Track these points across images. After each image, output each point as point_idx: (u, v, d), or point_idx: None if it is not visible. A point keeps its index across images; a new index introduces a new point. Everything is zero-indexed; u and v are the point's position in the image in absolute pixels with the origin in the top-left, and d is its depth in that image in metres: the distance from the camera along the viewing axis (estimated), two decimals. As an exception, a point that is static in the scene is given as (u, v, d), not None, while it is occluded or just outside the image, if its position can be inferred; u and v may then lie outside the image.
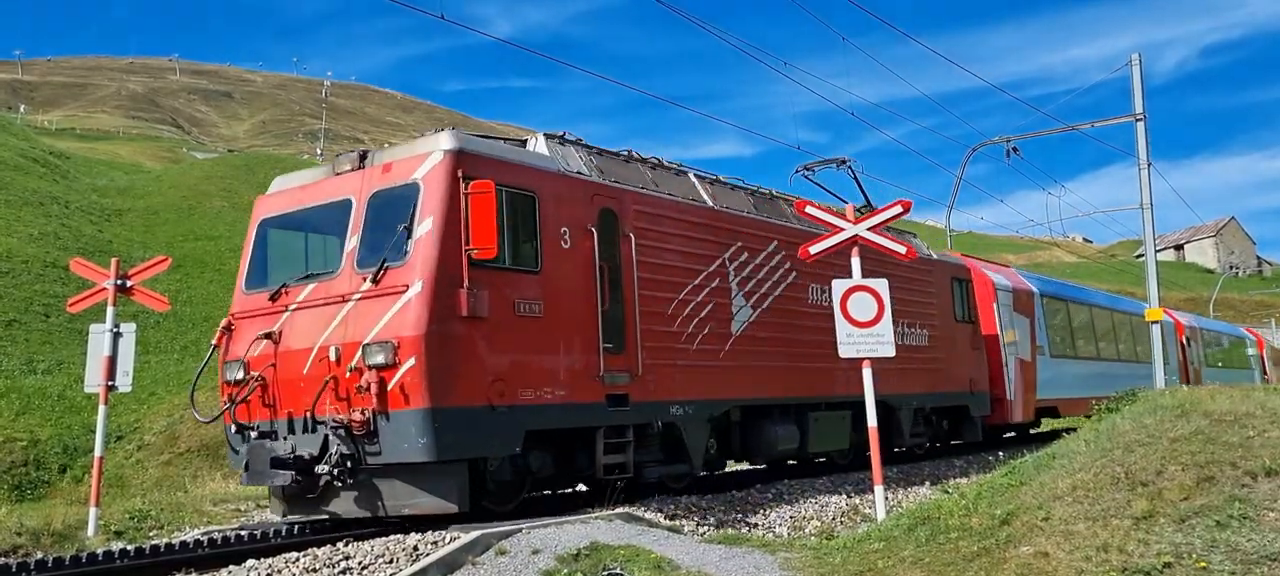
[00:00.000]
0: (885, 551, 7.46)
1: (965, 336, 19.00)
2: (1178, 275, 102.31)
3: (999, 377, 20.26)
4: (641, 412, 11.05)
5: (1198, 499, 7.00)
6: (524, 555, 7.81)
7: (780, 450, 13.56)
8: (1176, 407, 9.06)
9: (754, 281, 13.24)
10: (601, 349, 10.53)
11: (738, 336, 12.72)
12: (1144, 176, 25.28)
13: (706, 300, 12.28)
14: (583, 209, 10.72)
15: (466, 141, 9.74)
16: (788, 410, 13.79)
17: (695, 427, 11.86)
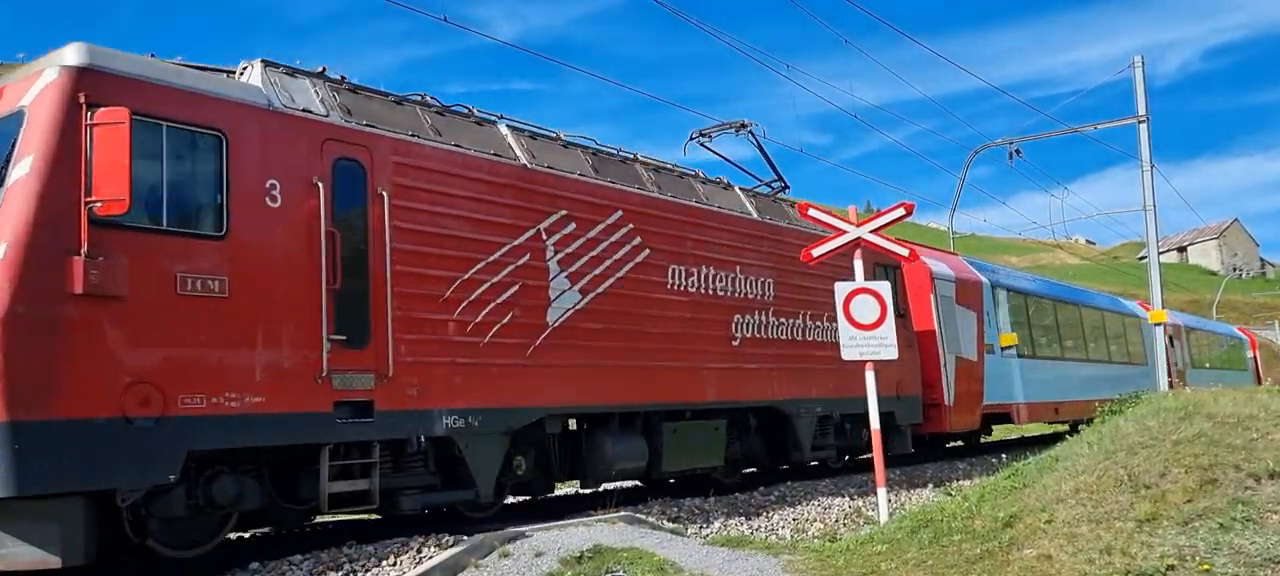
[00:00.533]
0: (888, 553, 7.46)
1: None
2: (1181, 277, 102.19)
3: (936, 380, 17.67)
4: (393, 425, 8.65)
5: (1201, 501, 7.00)
6: (527, 557, 7.81)
7: (621, 469, 11.22)
8: (1179, 410, 9.06)
9: (586, 260, 10.79)
10: (327, 341, 8.17)
11: (557, 327, 10.33)
12: (1147, 178, 25.27)
13: (509, 281, 9.87)
14: (306, 157, 8.32)
15: (102, 57, 7.32)
16: (632, 420, 11.40)
17: (484, 443, 9.48)
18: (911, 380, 16.52)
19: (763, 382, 13.08)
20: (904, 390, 16.26)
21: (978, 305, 19.64)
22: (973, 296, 19.53)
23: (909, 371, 16.35)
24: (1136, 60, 25.69)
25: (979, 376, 19.16)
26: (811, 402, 14.06)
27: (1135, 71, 25.60)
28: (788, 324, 13.85)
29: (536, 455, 10.62)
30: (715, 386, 12.31)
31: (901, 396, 16.15)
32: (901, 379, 16.07)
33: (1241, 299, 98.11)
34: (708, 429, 12.36)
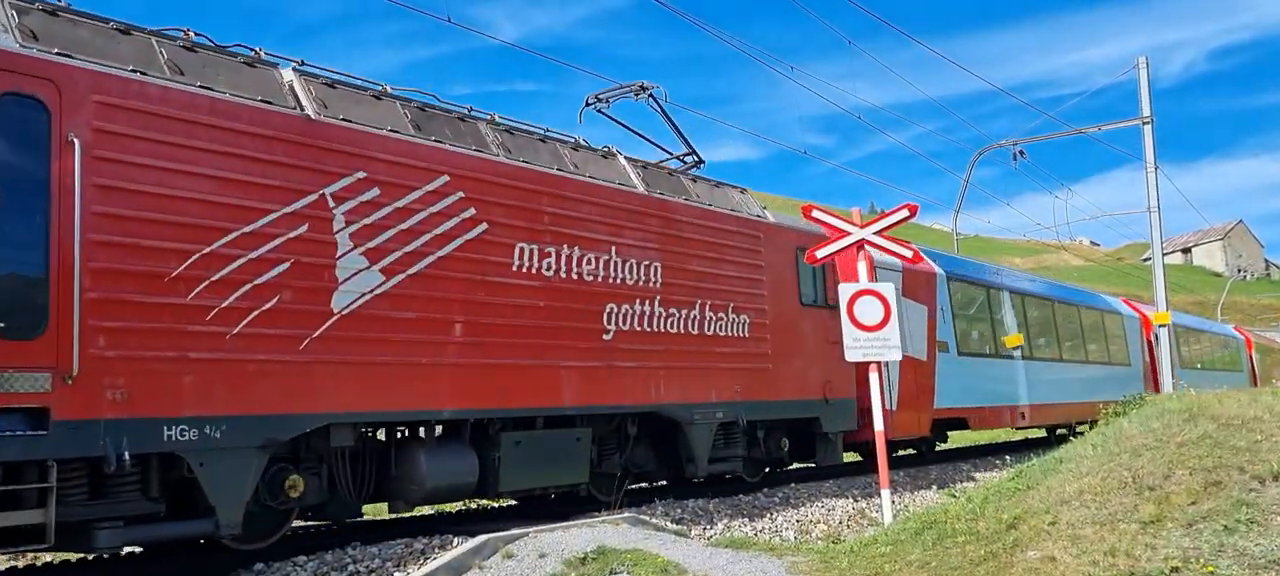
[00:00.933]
0: (892, 555, 7.45)
1: (818, 327, 14.15)
2: (1185, 278, 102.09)
3: None
4: (79, 438, 6.74)
5: (1205, 503, 6.99)
6: (531, 559, 7.82)
7: (438, 488, 9.29)
8: (1184, 411, 9.06)
9: (392, 234, 8.81)
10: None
11: (347, 315, 8.37)
12: (1151, 179, 25.28)
13: (276, 257, 7.95)
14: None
15: None
16: (460, 430, 9.58)
17: (230, 461, 7.53)
18: (843, 381, 14.37)
19: (643, 383, 11.19)
20: (833, 392, 14.15)
21: (930, 298, 17.55)
22: (923, 288, 17.35)
23: (839, 371, 14.05)
24: (1141, 61, 25.72)
25: (929, 378, 17.06)
26: (710, 407, 12.03)
27: (1140, 72, 25.62)
28: (681, 315, 11.77)
29: (329, 473, 8.72)
30: (577, 388, 10.35)
31: (830, 399, 14.11)
32: (829, 379, 14.09)
33: (1246, 300, 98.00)
34: (565, 439, 10.47)
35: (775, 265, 13.54)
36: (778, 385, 13.21)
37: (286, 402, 7.91)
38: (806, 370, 13.78)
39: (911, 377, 16.36)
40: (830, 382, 14.14)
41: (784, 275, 13.70)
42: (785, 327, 13.49)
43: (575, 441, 10.57)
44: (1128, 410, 11.44)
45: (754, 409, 12.78)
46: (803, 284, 14.08)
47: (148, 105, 7.36)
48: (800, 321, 13.85)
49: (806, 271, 14.11)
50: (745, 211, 13.48)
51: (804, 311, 13.95)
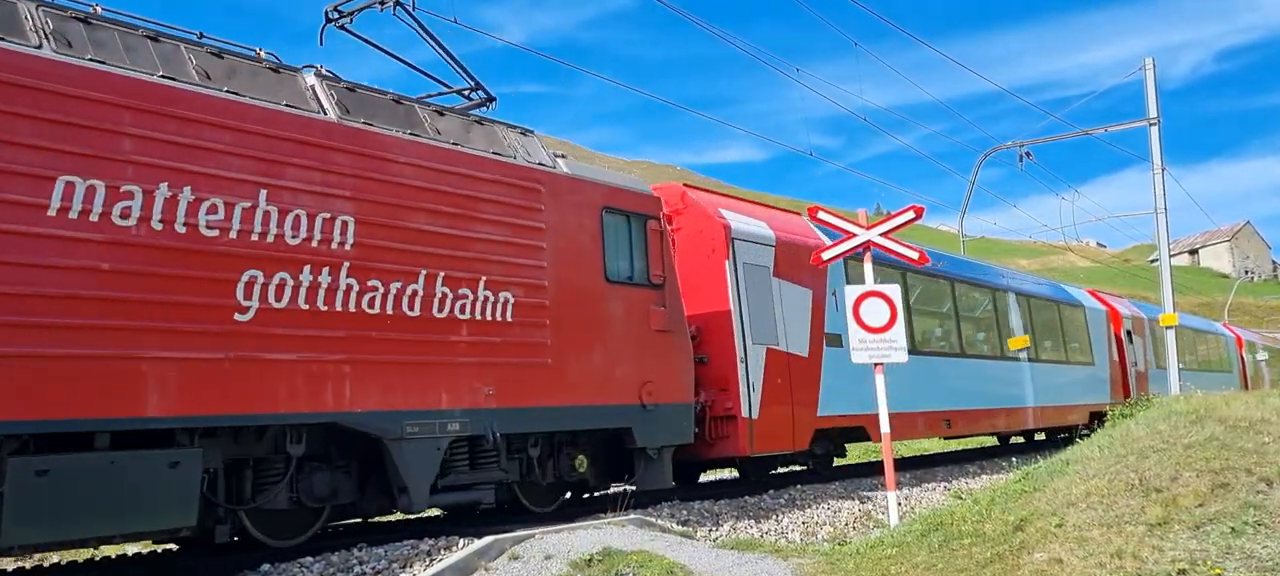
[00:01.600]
0: (898, 557, 7.45)
1: (634, 311, 10.96)
2: (1192, 280, 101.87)
3: (728, 382, 12.39)
4: None
5: (1212, 505, 6.97)
6: (537, 560, 7.82)
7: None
8: (1191, 414, 9.04)
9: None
10: None
11: None
12: (1157, 181, 25.24)
13: None
14: None
15: None
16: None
17: None
18: (672, 380, 11.25)
19: (313, 383, 8.15)
20: (657, 395, 10.98)
21: (817, 281, 14.33)
22: (800, 267, 13.84)
23: (667, 367, 11.14)
24: (1147, 62, 25.66)
25: (811, 379, 13.75)
26: (436, 416, 9.01)
27: (1146, 74, 25.57)
28: (388, 289, 8.73)
29: None
30: (179, 390, 7.32)
31: (650, 404, 10.90)
32: (650, 378, 10.90)
33: (1253, 302, 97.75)
34: (146, 466, 7.21)
35: (565, 228, 10.29)
36: (562, 386, 10.07)
37: None
38: (613, 366, 10.48)
39: (782, 377, 13.17)
40: (651, 383, 10.88)
41: (580, 242, 10.42)
42: (579, 311, 10.26)
43: (168, 468, 7.28)
44: (1134, 412, 11.42)
45: (517, 418, 9.62)
46: (611, 255, 10.73)
47: None
48: (605, 303, 10.54)
49: (620, 240, 10.97)
50: (517, 156, 10.21)
51: (612, 290, 10.63)
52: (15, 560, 10.15)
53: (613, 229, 10.92)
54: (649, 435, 10.98)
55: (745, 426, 12.40)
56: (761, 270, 13.36)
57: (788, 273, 13.74)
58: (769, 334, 13.18)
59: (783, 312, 13.49)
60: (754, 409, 12.56)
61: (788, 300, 13.66)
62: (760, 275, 13.33)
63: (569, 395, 10.15)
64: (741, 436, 12.38)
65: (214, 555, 8.49)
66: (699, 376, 12.09)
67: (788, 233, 14.37)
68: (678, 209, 13.12)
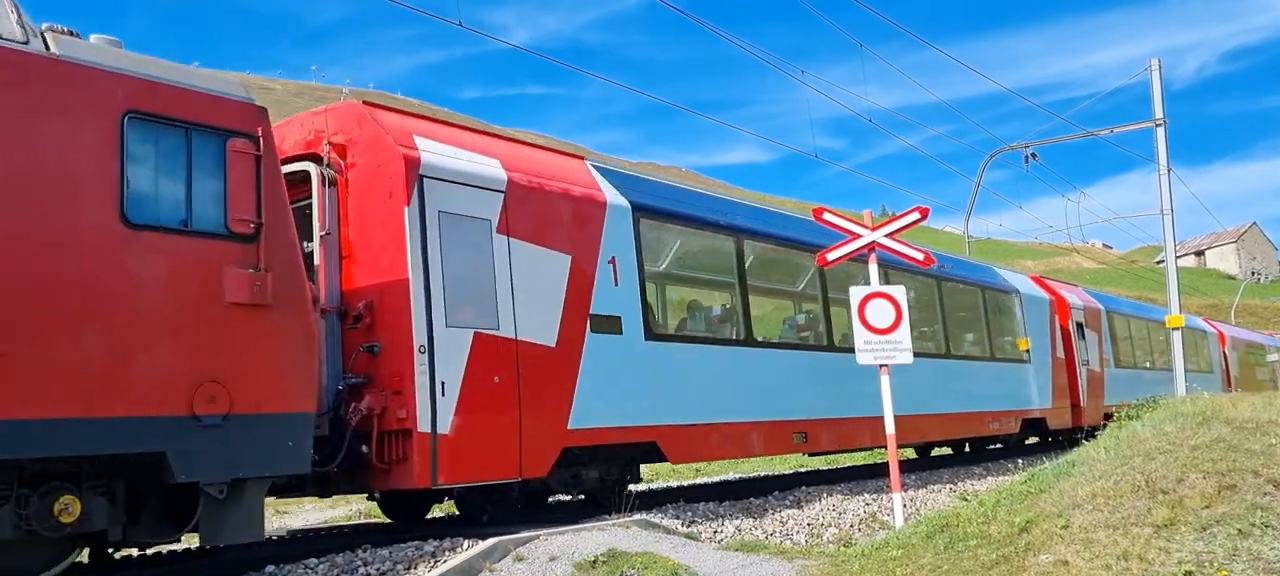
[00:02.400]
0: (903, 559, 7.43)
1: (186, 272, 7.26)
2: (1199, 281, 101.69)
3: (403, 382, 8.91)
4: None
5: (1219, 507, 6.95)
6: (541, 562, 7.82)
7: None
8: (1197, 415, 9.02)
9: None
10: None
11: None
12: (1163, 182, 25.20)
13: None
14: None
15: None
16: None
17: None
18: (266, 379, 7.54)
19: None
20: (226, 402, 7.25)
21: (583, 243, 10.63)
22: (567, 226, 10.52)
23: (249, 359, 7.44)
24: (1153, 63, 25.62)
25: (560, 378, 10.06)
26: None
27: (1152, 75, 25.54)
28: None
29: None
30: None
31: (209, 416, 7.16)
32: (215, 376, 7.23)
33: (1260, 303, 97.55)
34: None
35: (27, 138, 6.58)
36: None
37: None
38: (132, 357, 6.83)
39: (502, 374, 9.46)
40: (221, 383, 7.20)
41: (60, 164, 6.72)
42: (45, 269, 6.54)
43: None
44: (1140, 413, 11.39)
45: None
46: (140, 186, 7.13)
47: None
48: (120, 258, 6.90)
49: (165, 164, 7.33)
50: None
51: (138, 241, 7.00)
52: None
53: (147, 147, 7.26)
54: (209, 463, 7.11)
55: (424, 446, 8.67)
56: (475, 225, 9.60)
57: (527, 229, 10.02)
58: (481, 314, 9.43)
59: (513, 286, 9.76)
60: (443, 420, 8.81)
61: (524, 268, 9.92)
62: (472, 231, 9.58)
63: (20, 402, 6.30)
64: (417, 461, 8.65)
65: (216, 556, 8.50)
66: (370, 374, 8.98)
67: (533, 174, 10.36)
68: (353, 138, 9.54)
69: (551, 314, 10.17)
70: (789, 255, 14.49)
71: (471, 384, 9.17)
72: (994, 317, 19.58)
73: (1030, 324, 20.84)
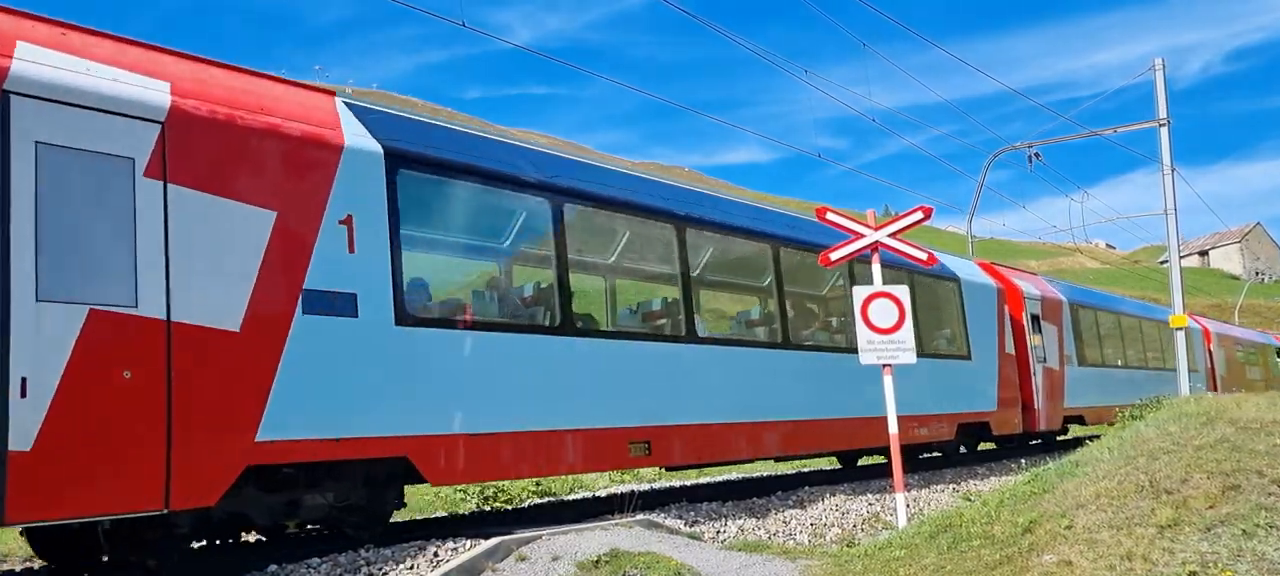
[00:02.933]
0: (907, 559, 7.42)
1: None
2: (1203, 281, 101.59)
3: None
4: None
5: (1223, 507, 6.93)
6: (544, 562, 7.81)
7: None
8: (1202, 415, 9.00)
9: None
10: None
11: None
12: (1167, 182, 25.16)
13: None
14: None
15: None
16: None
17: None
18: None
19: None
20: None
21: (297, 195, 8.15)
22: (270, 173, 8.03)
23: None
24: (1157, 63, 25.59)
25: (246, 373, 7.61)
26: None
27: (1156, 74, 25.50)
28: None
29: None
30: None
31: None
32: None
33: (1264, 303, 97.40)
34: None
35: None
36: None
37: None
38: None
39: (135, 368, 7.01)
40: None
41: None
42: None
43: None
44: (1144, 413, 11.36)
45: None
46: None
47: None
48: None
49: None
50: None
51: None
52: (24, 559, 10.17)
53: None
54: None
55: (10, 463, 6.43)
56: (104, 162, 7.12)
57: (199, 174, 7.57)
58: (104, 284, 7.00)
59: (169, 248, 7.34)
60: (19, 432, 6.45)
61: (191, 225, 7.46)
62: (98, 171, 7.12)
63: None
64: None
65: (219, 556, 8.50)
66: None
67: (219, 103, 7.88)
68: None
69: (237, 286, 7.70)
70: (633, 226, 11.77)
71: (79, 380, 6.75)
72: (932, 307, 17.20)
73: (970, 316, 18.05)
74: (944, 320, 17.62)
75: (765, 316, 13.44)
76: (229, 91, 8.08)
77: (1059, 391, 21.09)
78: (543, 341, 10.02)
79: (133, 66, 7.60)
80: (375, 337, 8.43)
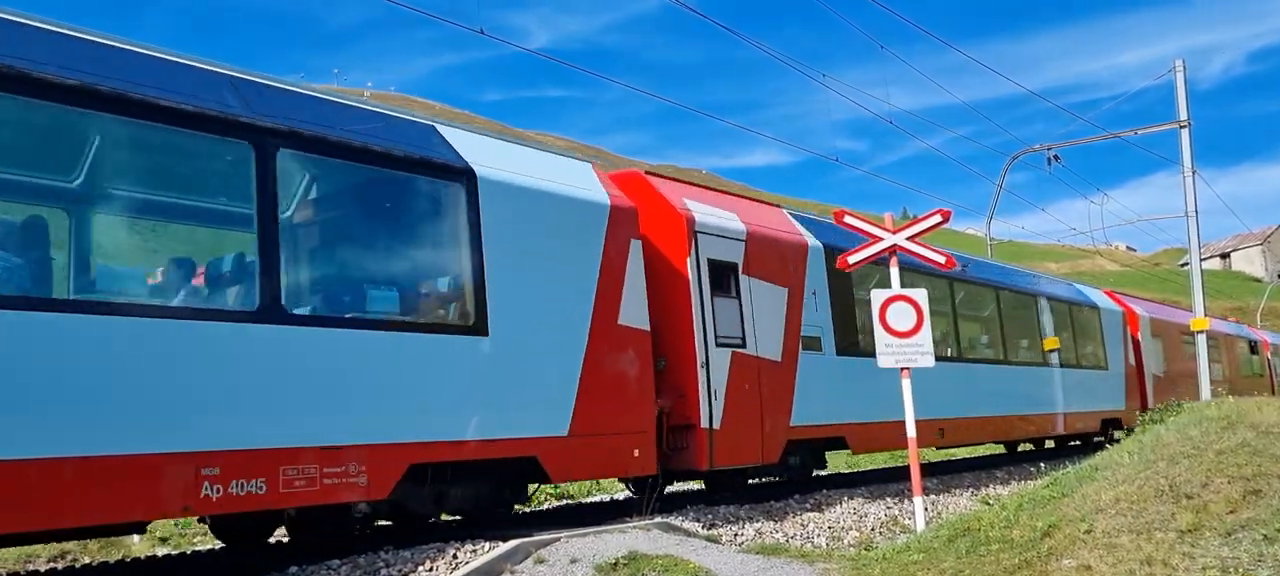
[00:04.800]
0: (925, 563, 7.41)
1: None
2: (1224, 284, 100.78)
3: None
4: None
5: (1244, 512, 6.89)
6: (562, 564, 7.84)
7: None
8: (1222, 419, 8.95)
9: None
10: None
11: None
12: (1188, 184, 25.00)
13: None
14: None
15: None
16: None
17: None
18: None
19: None
20: None
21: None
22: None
23: None
24: (1178, 64, 25.43)
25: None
26: None
27: (1176, 76, 25.35)
28: None
29: None
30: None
31: None
32: None
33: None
34: None
35: None
36: None
37: None
38: None
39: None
40: None
41: None
42: None
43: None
44: (1164, 417, 11.31)
45: None
46: None
47: None
48: None
49: None
50: None
51: None
52: (48, 560, 10.28)
53: None
54: None
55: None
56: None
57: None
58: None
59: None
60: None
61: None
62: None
63: None
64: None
65: (242, 557, 8.56)
66: None
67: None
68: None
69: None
70: None
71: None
72: None
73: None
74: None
75: None
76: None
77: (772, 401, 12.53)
78: None
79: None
80: None
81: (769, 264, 12.41)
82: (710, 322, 11.29)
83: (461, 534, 9.17)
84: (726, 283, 11.74)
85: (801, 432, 12.63)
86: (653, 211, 11.45)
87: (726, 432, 11.28)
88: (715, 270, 11.56)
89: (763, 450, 11.91)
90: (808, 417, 12.69)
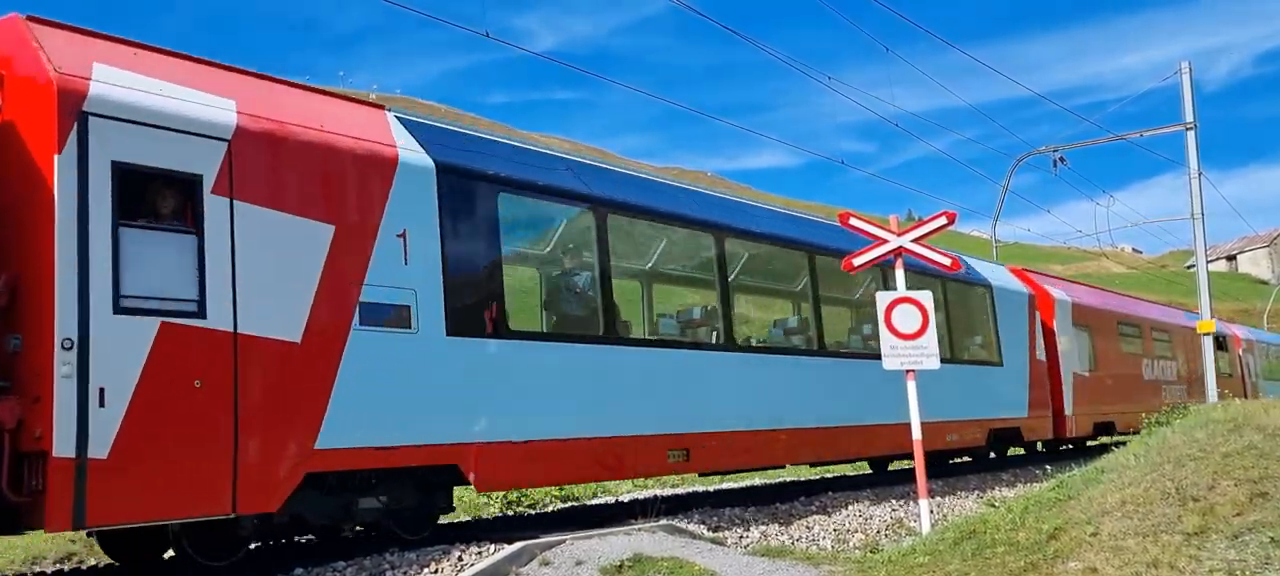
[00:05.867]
0: (931, 565, 7.40)
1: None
2: (1230, 286, 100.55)
3: None
4: None
5: (1251, 514, 6.88)
6: (567, 566, 7.84)
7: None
8: (1229, 421, 8.93)
9: None
10: None
11: None
12: (1194, 186, 24.95)
13: None
14: None
15: None
16: None
17: None
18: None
19: None
20: None
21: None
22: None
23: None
24: (1184, 66, 25.39)
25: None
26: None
27: (1183, 77, 25.31)
28: None
29: None
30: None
31: None
32: None
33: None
34: None
35: None
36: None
37: None
38: None
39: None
40: None
41: None
42: None
43: None
44: (1170, 419, 11.28)
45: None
46: None
47: None
48: None
49: None
50: None
51: None
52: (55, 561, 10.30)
53: None
54: None
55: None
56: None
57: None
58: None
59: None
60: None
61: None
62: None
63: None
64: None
65: (248, 558, 8.57)
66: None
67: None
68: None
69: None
70: None
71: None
72: None
73: None
74: None
75: None
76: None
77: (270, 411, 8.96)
78: None
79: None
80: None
81: (291, 184, 7.85)
82: (102, 272, 6.74)
83: (466, 536, 9.17)
84: (166, 207, 7.28)
85: (343, 460, 7.89)
86: (20, 76, 7.08)
87: (129, 466, 6.63)
88: (137, 184, 7.09)
89: (236, 493, 7.18)
90: (364, 436, 8.00)
